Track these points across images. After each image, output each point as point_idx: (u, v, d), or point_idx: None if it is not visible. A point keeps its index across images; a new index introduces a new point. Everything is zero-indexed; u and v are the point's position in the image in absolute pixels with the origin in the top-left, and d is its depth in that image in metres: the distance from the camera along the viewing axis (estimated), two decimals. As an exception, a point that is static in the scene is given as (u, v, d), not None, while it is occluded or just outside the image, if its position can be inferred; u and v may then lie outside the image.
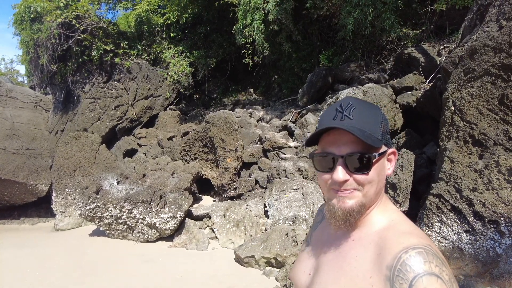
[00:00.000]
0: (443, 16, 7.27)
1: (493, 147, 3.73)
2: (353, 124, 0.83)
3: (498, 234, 3.57)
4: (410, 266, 0.74)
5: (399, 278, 0.74)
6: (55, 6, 9.56)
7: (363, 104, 0.88)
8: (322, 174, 0.89)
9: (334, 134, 0.85)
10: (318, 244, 1.02)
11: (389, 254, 0.79)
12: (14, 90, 10.44)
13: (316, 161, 0.90)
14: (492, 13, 4.07)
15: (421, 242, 0.79)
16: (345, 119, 0.84)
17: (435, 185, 4.10)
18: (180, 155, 7.95)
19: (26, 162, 9.41)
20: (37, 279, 4.80)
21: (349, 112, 0.85)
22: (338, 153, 0.84)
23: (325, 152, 0.87)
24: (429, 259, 0.75)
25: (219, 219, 6.02)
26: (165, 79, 10.68)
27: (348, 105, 0.86)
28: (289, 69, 10.21)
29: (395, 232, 0.85)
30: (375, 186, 0.87)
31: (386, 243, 0.83)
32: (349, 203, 0.85)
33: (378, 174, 0.87)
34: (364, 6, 6.52)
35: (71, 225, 7.49)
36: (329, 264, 0.92)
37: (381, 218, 0.90)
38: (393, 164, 0.93)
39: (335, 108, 0.88)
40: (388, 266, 0.78)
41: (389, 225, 0.88)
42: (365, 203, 0.87)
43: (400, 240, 0.81)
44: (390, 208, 0.93)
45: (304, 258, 1.04)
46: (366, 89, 5.97)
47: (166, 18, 11.00)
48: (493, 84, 3.78)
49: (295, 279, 1.04)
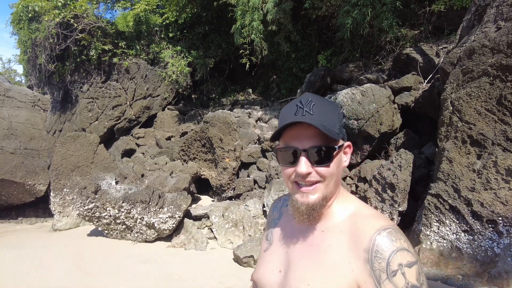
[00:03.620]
0: (441, 16, 7.29)
1: (491, 147, 3.74)
2: (314, 119, 0.86)
3: (496, 234, 3.58)
4: (385, 245, 0.82)
5: (377, 258, 0.82)
6: (53, 5, 9.52)
7: (321, 100, 0.92)
8: (286, 168, 0.91)
9: (297, 128, 0.88)
10: (283, 240, 1.02)
11: (364, 238, 0.85)
12: (12, 89, 10.40)
13: (279, 156, 0.92)
14: (490, 14, 4.09)
15: (388, 223, 0.88)
16: (306, 114, 0.87)
17: (434, 185, 4.12)
18: (178, 155, 7.94)
19: (24, 162, 9.37)
20: (35, 279, 4.78)
21: (310, 108, 0.88)
22: (300, 147, 0.88)
23: (288, 146, 0.90)
24: (398, 237, 0.84)
25: (217, 219, 6.02)
26: (164, 79, 10.66)
27: (308, 101, 0.89)
28: (288, 69, 10.21)
29: (363, 217, 0.91)
30: (335, 178, 0.91)
31: (358, 228, 0.88)
32: (312, 198, 0.89)
33: (337, 166, 0.91)
34: (363, 7, 6.53)
35: (69, 225, 7.47)
36: (304, 258, 0.94)
37: (345, 207, 0.96)
38: (349, 156, 0.98)
39: (295, 104, 0.90)
40: (365, 249, 0.84)
41: (355, 212, 0.94)
42: (327, 195, 0.91)
43: (371, 224, 0.87)
44: (350, 197, 0.99)
45: (270, 257, 1.03)
46: (364, 89, 5.98)
47: (164, 18, 10.99)
48: (491, 84, 3.80)
49: (262, 279, 1.02)
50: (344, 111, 5.96)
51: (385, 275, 0.80)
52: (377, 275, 0.81)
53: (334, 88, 8.27)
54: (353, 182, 5.92)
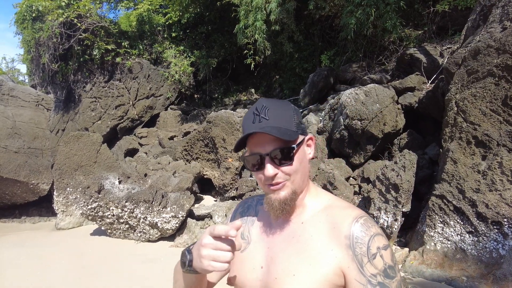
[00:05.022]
0: (446, 16, 7.26)
1: (496, 148, 3.72)
2: (269, 124, 0.93)
3: (501, 235, 3.56)
4: (363, 231, 0.91)
5: (358, 244, 0.90)
6: (57, 5, 9.56)
7: (275, 103, 0.98)
8: (257, 173, 0.98)
9: (257, 136, 0.94)
10: (263, 237, 1.05)
11: (343, 226, 0.93)
12: (16, 89, 10.44)
13: (247, 162, 0.99)
14: (496, 14, 4.07)
15: (361, 212, 0.97)
16: (263, 121, 0.93)
17: (438, 186, 4.10)
18: (181, 155, 7.94)
19: (27, 161, 9.41)
20: (38, 278, 4.79)
21: (265, 114, 0.94)
22: (263, 152, 0.94)
23: (253, 153, 0.96)
24: (372, 223, 0.94)
25: (220, 219, 6.02)
26: (166, 78, 10.68)
27: (262, 107, 0.95)
28: (291, 70, 10.20)
29: (339, 208, 0.99)
30: (300, 173, 0.97)
31: (336, 218, 0.96)
32: (282, 194, 0.96)
33: (301, 161, 0.98)
34: (366, 7, 6.51)
35: (72, 224, 7.49)
36: (286, 250, 0.98)
37: (318, 200, 1.03)
38: (313, 147, 1.04)
39: (252, 112, 0.97)
40: (346, 236, 0.91)
41: (329, 204, 1.01)
42: (295, 190, 0.97)
43: (347, 213, 0.96)
44: (321, 191, 1.07)
45: (249, 256, 1.04)
46: (368, 90, 5.96)
47: (167, 17, 11.00)
48: (496, 85, 3.77)
49: (242, 279, 1.03)
50: (347, 111, 5.95)
51: (367, 258, 0.89)
52: (359, 259, 0.89)
53: (337, 88, 8.25)
54: (356, 182, 5.90)
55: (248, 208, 1.17)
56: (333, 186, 5.46)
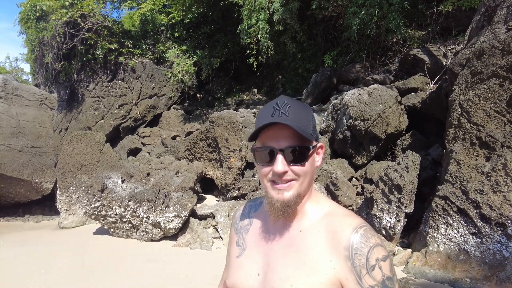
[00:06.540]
0: (449, 17, 7.24)
1: (500, 149, 3.71)
2: (289, 120, 0.91)
3: (505, 237, 3.55)
4: (362, 242, 0.89)
5: (357, 255, 0.88)
6: (61, 5, 9.60)
7: (296, 103, 0.96)
8: (263, 167, 0.95)
9: (273, 129, 0.92)
10: (259, 243, 1.04)
11: (342, 236, 0.91)
12: (20, 88, 10.49)
13: (257, 155, 0.96)
14: (500, 15, 4.05)
15: (362, 221, 0.94)
16: (282, 116, 0.91)
17: (441, 187, 4.09)
18: (184, 155, 7.96)
19: (31, 160, 9.45)
20: (40, 277, 4.81)
21: (285, 110, 0.92)
22: (277, 146, 0.91)
23: (265, 146, 0.93)
24: (372, 234, 0.91)
25: (223, 218, 6.02)
26: (169, 78, 10.69)
27: (284, 103, 0.93)
28: (293, 70, 10.19)
29: (339, 216, 0.96)
30: (309, 177, 0.96)
31: (335, 227, 0.93)
32: (287, 195, 0.93)
33: (311, 165, 0.96)
34: (370, 7, 6.50)
35: (75, 223, 7.51)
36: (284, 258, 0.96)
37: (318, 207, 1.00)
38: (321, 157, 1.02)
39: (272, 106, 0.94)
40: (345, 247, 0.89)
41: (329, 211, 0.99)
42: (301, 193, 0.95)
43: (347, 222, 0.93)
44: (322, 197, 1.04)
45: (245, 262, 1.04)
46: (371, 90, 5.95)
47: (170, 17, 11.02)
48: (500, 86, 3.76)
49: (238, 285, 1.03)
50: (350, 111, 5.94)
51: (365, 270, 0.87)
52: (358, 271, 0.87)
53: (340, 88, 8.24)
54: (359, 183, 5.89)
55: (241, 216, 1.17)
56: (335, 187, 5.45)
